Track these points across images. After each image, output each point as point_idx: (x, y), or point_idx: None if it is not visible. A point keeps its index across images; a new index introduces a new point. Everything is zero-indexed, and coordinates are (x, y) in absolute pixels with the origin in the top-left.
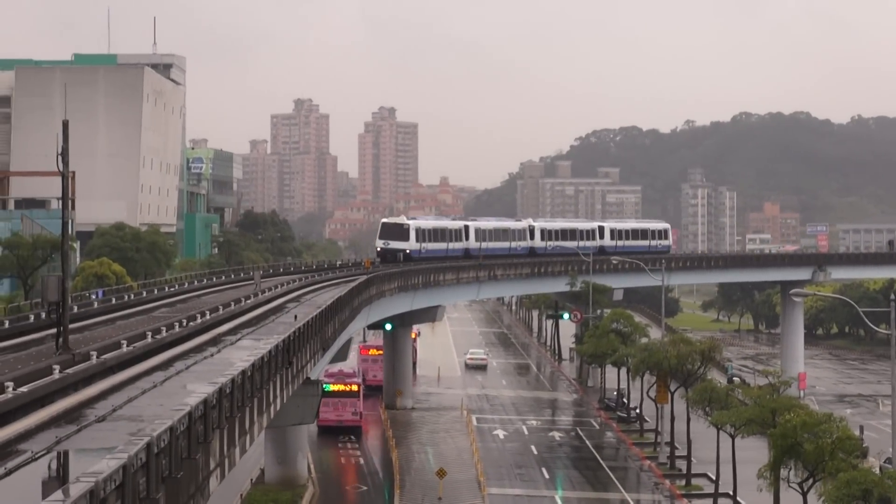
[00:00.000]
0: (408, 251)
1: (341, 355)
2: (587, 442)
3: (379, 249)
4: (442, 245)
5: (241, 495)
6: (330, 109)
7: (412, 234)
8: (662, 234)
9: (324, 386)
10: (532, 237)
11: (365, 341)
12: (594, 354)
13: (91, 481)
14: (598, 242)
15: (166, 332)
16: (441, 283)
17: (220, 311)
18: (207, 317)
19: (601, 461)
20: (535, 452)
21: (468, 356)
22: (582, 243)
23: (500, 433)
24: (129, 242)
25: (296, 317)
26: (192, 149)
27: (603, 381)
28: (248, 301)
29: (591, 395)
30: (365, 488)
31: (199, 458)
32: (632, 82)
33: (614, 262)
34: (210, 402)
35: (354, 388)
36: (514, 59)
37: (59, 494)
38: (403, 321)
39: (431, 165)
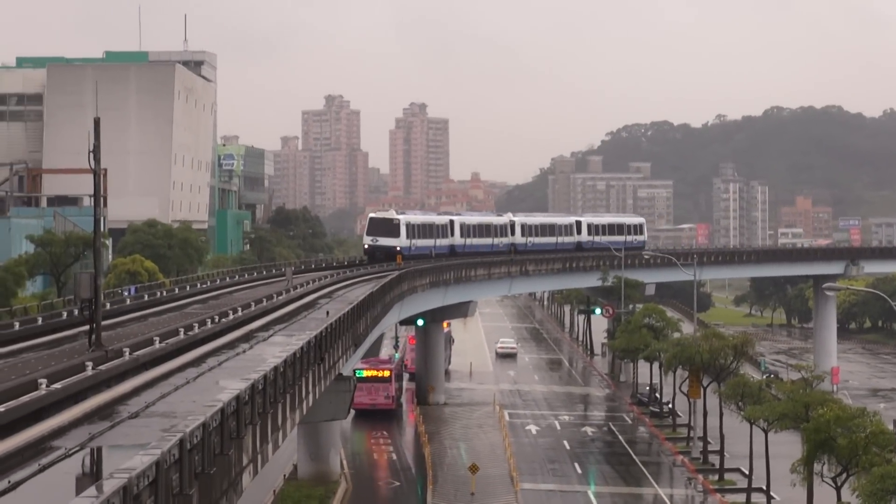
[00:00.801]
0: (398, 248)
1: (374, 351)
2: (620, 437)
3: (367, 247)
4: (430, 242)
5: (274, 491)
6: (361, 105)
7: (403, 230)
8: (638, 229)
9: (357, 372)
10: (513, 233)
11: (397, 337)
12: (626, 349)
13: (124, 477)
14: (575, 238)
15: (198, 328)
16: (473, 279)
17: (252, 308)
18: (239, 313)
19: (634, 456)
20: (568, 447)
21: (498, 345)
22: (561, 239)
23: (533, 428)
24: (161, 239)
25: (328, 313)
26: (224, 145)
27: (635, 376)
28: (280, 297)
29: (624, 391)
30: (398, 484)
31: (231, 454)
32: (663, 77)
33: (646, 256)
34: (242, 399)
35: (386, 373)
36: (546, 53)
37: (92, 490)
38: (435, 317)
39: (463, 161)
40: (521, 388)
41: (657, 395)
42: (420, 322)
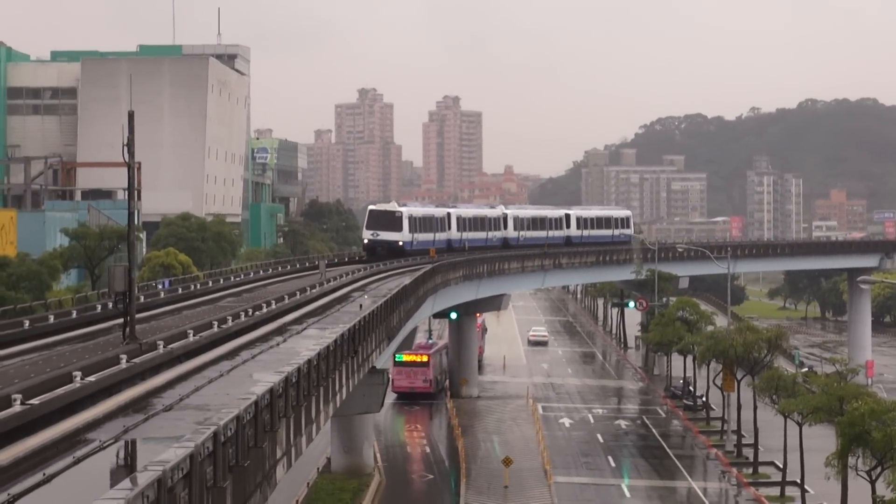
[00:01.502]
0: (401, 243)
1: (407, 344)
2: (653, 430)
3: (366, 241)
4: (429, 236)
5: (308, 484)
6: (394, 99)
7: (406, 224)
8: (625, 223)
9: (397, 356)
10: (505, 227)
11: (430, 331)
12: (660, 342)
13: (158, 470)
14: (564, 232)
15: (232, 321)
16: (506, 272)
17: (286, 301)
18: (273, 306)
19: (667, 449)
20: (602, 441)
21: (530, 333)
22: (551, 233)
23: (566, 421)
24: (194, 232)
25: (361, 306)
26: (257, 139)
27: (669, 370)
28: (314, 290)
29: (657, 384)
30: (431, 477)
31: (265, 446)
32: (697, 70)
33: (679, 249)
34: (276, 391)
35: (424, 358)
36: (580, 45)
37: (126, 483)
38: (468, 310)
39: (496, 154)
40: (554, 382)
41: (691, 388)
42: (453, 315)
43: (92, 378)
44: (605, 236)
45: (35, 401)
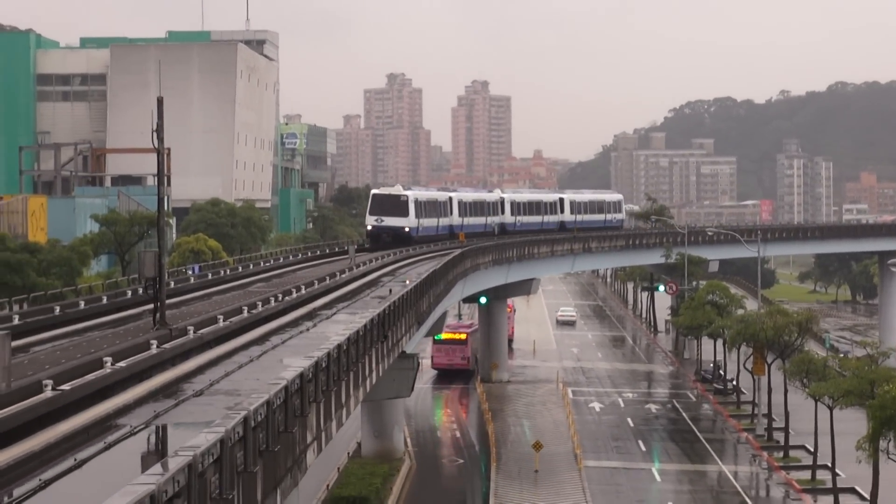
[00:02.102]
0: (407, 229)
1: (437, 329)
2: (684, 414)
3: (370, 228)
4: (434, 221)
5: (339, 469)
6: (423, 83)
7: (412, 209)
8: (617, 207)
9: (436, 336)
10: (503, 212)
11: (460, 315)
12: (690, 326)
13: (189, 455)
14: (558, 217)
15: (262, 306)
16: (536, 256)
17: (316, 286)
18: (303, 291)
19: (698, 433)
20: (632, 425)
21: (558, 314)
22: (546, 218)
23: (596, 406)
24: (224, 218)
25: (391, 291)
26: (286, 124)
27: (699, 353)
28: (343, 275)
29: (688, 367)
30: (461, 461)
31: (295, 431)
32: (726, 53)
33: (709, 233)
34: (306, 376)
35: (463, 336)
36: (607, 29)
37: (157, 468)
38: (498, 294)
39: (525, 138)
40: (584, 366)
41: (721, 372)
42: (483, 300)
43: (122, 364)
44: (598, 221)
45: (66, 386)
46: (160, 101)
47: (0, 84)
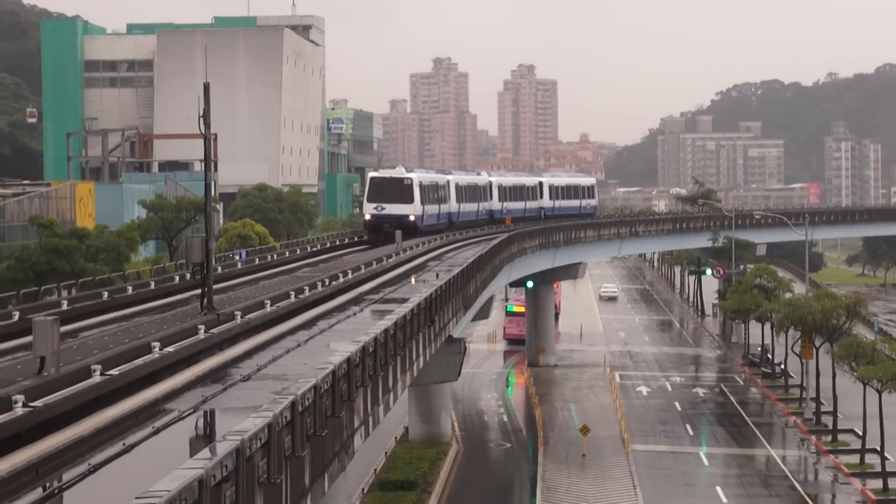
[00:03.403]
0: (412, 218)
1: (483, 313)
2: (731, 398)
3: (368, 218)
4: (435, 208)
5: (386, 453)
6: (469, 68)
7: (416, 193)
8: (590, 192)
9: (509, 307)
10: (491, 197)
11: (507, 299)
12: (737, 310)
13: (237, 439)
14: (538, 203)
15: (309, 291)
16: (582, 240)
17: (362, 270)
18: (349, 276)
19: (746, 417)
20: (679, 409)
21: (601, 289)
22: (529, 204)
23: (644, 390)
24: (271, 203)
25: (437, 275)
26: (333, 109)
27: (747, 337)
28: (390, 260)
29: (735, 351)
30: (509, 445)
31: (343, 416)
32: (773, 35)
33: (757, 216)
34: (353, 361)
35: None
36: (654, 12)
37: (206, 452)
38: (545, 278)
39: (571, 122)
40: (631, 350)
41: (769, 355)
42: (529, 284)
43: (170, 349)
44: (573, 208)
45: (114, 371)
46: (206, 87)
47: (48, 71)
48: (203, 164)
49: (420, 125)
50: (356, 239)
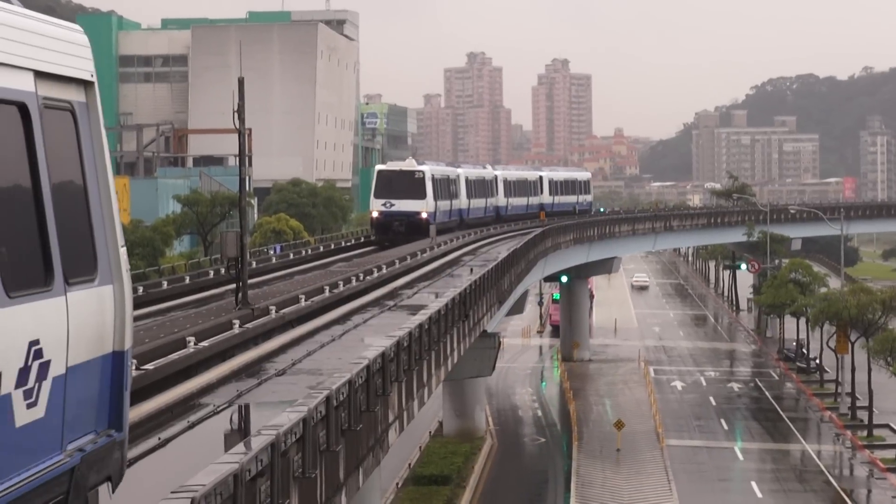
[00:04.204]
0: (424, 216)
1: (518, 308)
2: (766, 393)
3: (376, 216)
4: (446, 204)
5: (420, 447)
6: (503, 62)
7: (429, 189)
8: (586, 188)
9: (554, 295)
10: (496, 192)
11: (541, 294)
12: (772, 305)
13: (272, 434)
14: (539, 199)
15: (343, 286)
16: (617, 235)
17: (396, 265)
18: (384, 271)
19: (781, 412)
20: (714, 404)
21: (633, 279)
22: (531, 200)
23: (678, 384)
24: (305, 198)
25: (472, 270)
26: (367, 104)
27: (782, 332)
28: (424, 255)
29: (770, 346)
30: (543, 440)
31: (377, 410)
32: (808, 29)
33: (792, 211)
34: (388, 356)
35: None
36: (689, 6)
37: (240, 447)
38: (579, 273)
39: (606, 117)
40: (666, 344)
41: (804, 350)
42: (564, 278)
43: (205, 343)
44: (570, 204)
45: (149, 366)
46: (241, 82)
47: None
48: (238, 159)
49: (454, 120)
50: (362, 240)
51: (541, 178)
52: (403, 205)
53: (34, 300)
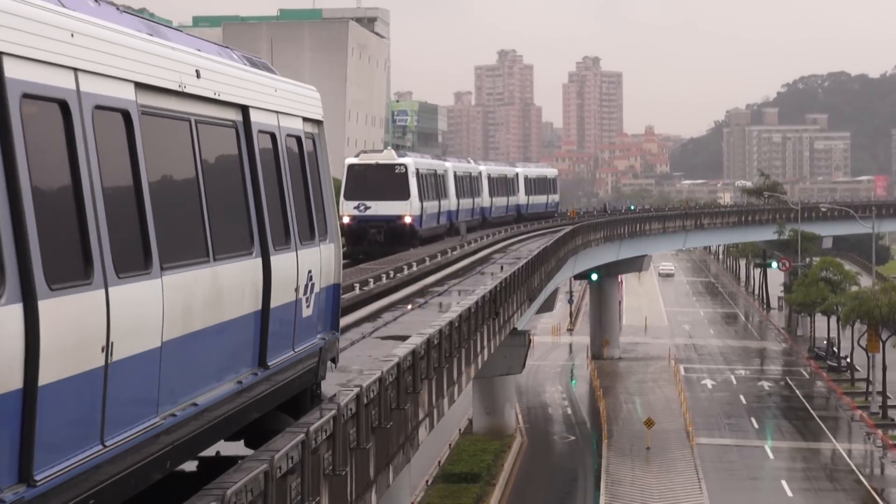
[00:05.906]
0: (408, 220)
1: (548, 305)
2: (797, 391)
3: (348, 220)
4: (434, 206)
5: (450, 445)
6: (533, 60)
7: (413, 186)
8: (553, 186)
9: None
10: (481, 192)
11: (571, 292)
12: (803, 303)
13: (302, 431)
14: (516, 199)
15: (373, 283)
16: (647, 233)
17: (427, 263)
18: (414, 268)
19: (811, 411)
20: (744, 402)
21: (660, 267)
22: (510, 200)
23: (709, 383)
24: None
25: (502, 267)
26: (397, 101)
27: (812, 330)
28: (455, 252)
29: (801, 345)
30: (573, 438)
31: (408, 408)
32: (840, 26)
33: (823, 209)
34: (418, 353)
35: None
36: (720, 3)
37: (271, 444)
38: (609, 271)
39: (636, 114)
40: (696, 343)
41: (835, 349)
42: (594, 276)
43: None
44: (541, 205)
45: None
46: None
47: None
48: None
49: (485, 117)
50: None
51: (517, 175)
52: (381, 207)
53: (308, 248)
